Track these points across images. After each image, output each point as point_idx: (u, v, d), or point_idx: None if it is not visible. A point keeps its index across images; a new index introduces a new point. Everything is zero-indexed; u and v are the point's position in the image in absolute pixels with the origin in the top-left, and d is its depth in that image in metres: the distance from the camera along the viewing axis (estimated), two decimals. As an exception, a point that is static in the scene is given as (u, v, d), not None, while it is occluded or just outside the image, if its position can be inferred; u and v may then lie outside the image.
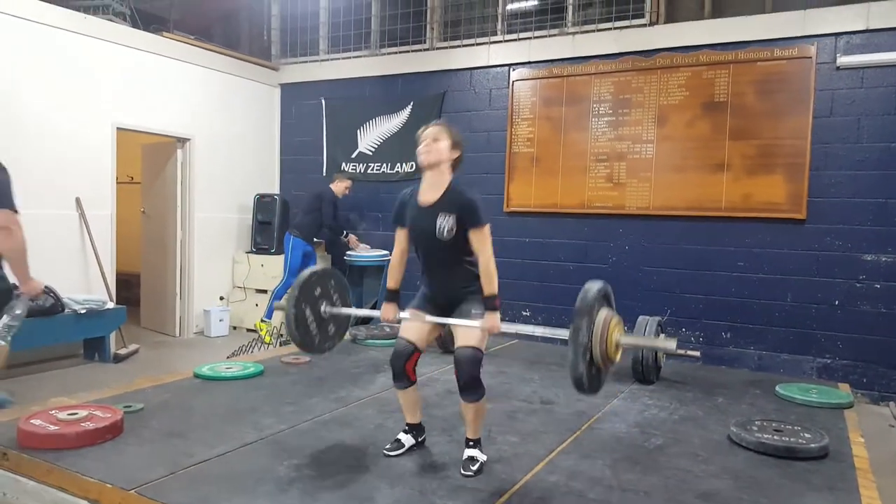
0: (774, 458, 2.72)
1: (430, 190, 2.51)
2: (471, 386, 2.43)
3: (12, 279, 2.92)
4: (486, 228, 2.46)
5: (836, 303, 4.75)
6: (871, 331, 4.64)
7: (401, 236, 2.65)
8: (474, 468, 2.44)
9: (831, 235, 4.75)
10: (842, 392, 3.91)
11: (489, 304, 2.43)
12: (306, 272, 2.90)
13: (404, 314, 2.63)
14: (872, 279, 4.64)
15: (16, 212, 2.83)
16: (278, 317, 6.03)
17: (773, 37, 4.86)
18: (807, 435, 2.88)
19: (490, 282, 2.43)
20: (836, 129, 4.72)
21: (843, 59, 4.66)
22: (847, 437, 3.04)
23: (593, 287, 2.30)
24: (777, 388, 3.85)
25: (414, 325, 2.61)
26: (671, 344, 2.34)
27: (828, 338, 4.78)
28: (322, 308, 2.87)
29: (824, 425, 3.13)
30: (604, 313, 2.29)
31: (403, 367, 2.57)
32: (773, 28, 4.86)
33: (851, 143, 4.69)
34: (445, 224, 2.44)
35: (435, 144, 2.49)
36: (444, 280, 2.56)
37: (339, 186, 6.16)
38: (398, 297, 2.69)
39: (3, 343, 2.84)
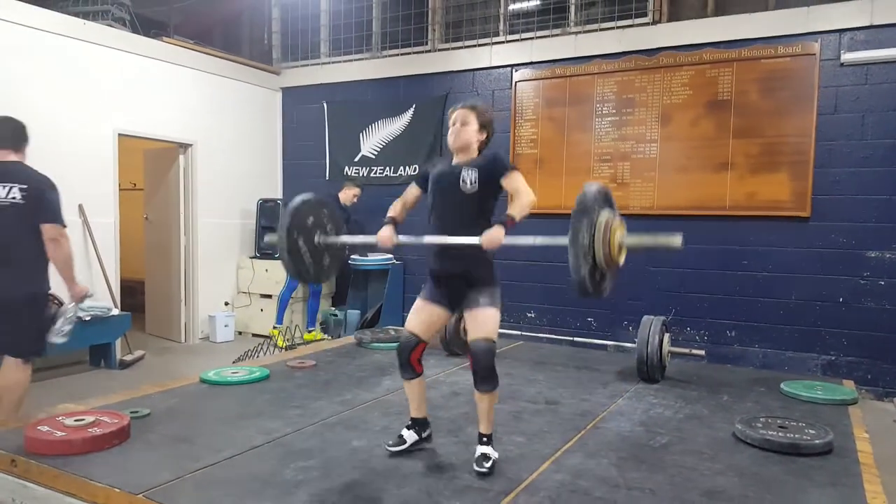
0: (779, 454, 2.71)
1: (463, 155, 2.58)
2: (487, 376, 2.48)
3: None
4: (517, 172, 2.53)
5: (841, 300, 4.74)
6: (875, 327, 4.63)
7: (413, 191, 2.70)
8: (488, 465, 2.46)
9: (835, 233, 4.75)
10: (846, 389, 3.90)
11: (502, 219, 2.42)
12: (297, 199, 2.82)
13: (403, 238, 2.64)
14: (877, 276, 4.63)
15: (64, 226, 3.29)
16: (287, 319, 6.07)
17: (776, 34, 4.86)
18: (811, 431, 2.88)
19: (520, 209, 2.43)
20: (841, 126, 4.71)
21: (847, 56, 4.66)
22: (851, 433, 3.03)
23: (592, 187, 2.27)
24: (782, 385, 3.84)
25: (418, 317, 2.64)
26: (676, 240, 2.27)
27: (832, 335, 4.77)
28: (316, 237, 2.83)
29: (829, 422, 3.12)
30: (605, 214, 2.25)
31: (409, 357, 2.61)
32: (777, 25, 4.86)
33: (856, 139, 4.68)
34: (469, 176, 2.49)
35: (464, 129, 2.56)
36: (459, 236, 2.51)
37: (346, 194, 6.13)
38: (396, 223, 2.70)
39: (62, 340, 3.36)
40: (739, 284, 5.05)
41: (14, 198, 3.17)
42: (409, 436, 2.69)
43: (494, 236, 2.36)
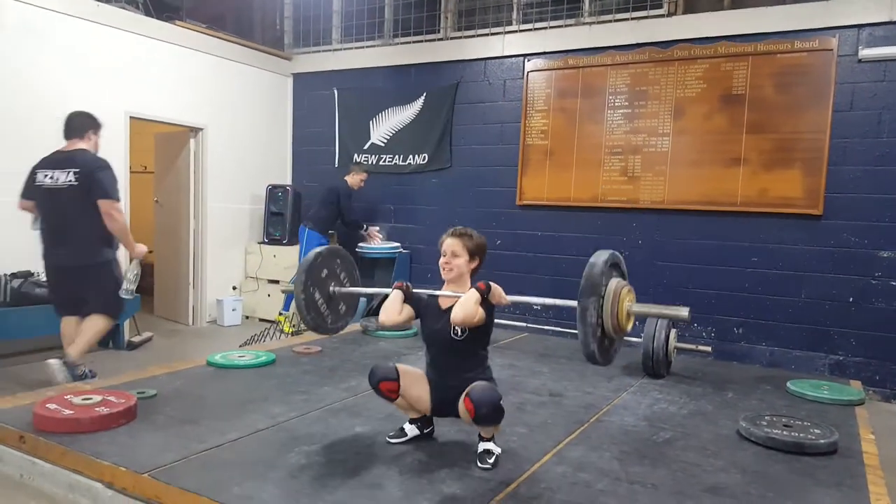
0: (783, 453, 2.70)
1: (451, 298, 2.54)
2: (492, 414, 2.36)
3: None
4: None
5: (851, 300, 4.70)
6: (885, 328, 4.59)
7: (407, 312, 2.61)
8: (491, 461, 2.45)
9: (847, 231, 4.69)
10: (853, 389, 3.88)
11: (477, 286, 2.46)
12: (311, 254, 2.93)
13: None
14: (888, 276, 4.58)
15: (116, 200, 3.82)
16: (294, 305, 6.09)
17: (793, 28, 4.78)
18: (816, 431, 2.86)
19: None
20: (857, 124, 4.65)
21: (865, 52, 4.58)
22: (857, 433, 3.02)
23: (599, 260, 2.28)
24: (788, 384, 3.83)
25: (411, 373, 2.59)
26: (683, 312, 2.29)
27: (841, 335, 4.73)
28: (330, 288, 2.91)
29: (834, 422, 3.11)
30: (613, 284, 2.28)
31: (378, 384, 2.56)
32: (794, 19, 4.79)
33: (872, 137, 4.61)
34: (459, 326, 2.46)
35: (454, 261, 2.55)
36: (453, 380, 2.51)
37: (354, 179, 6.17)
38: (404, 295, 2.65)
39: (130, 296, 3.93)
40: (748, 281, 5.01)
41: (70, 181, 3.72)
42: (410, 430, 2.70)
43: (468, 296, 2.40)
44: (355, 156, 6.74)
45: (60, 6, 5.07)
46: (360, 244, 6.41)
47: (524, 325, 5.05)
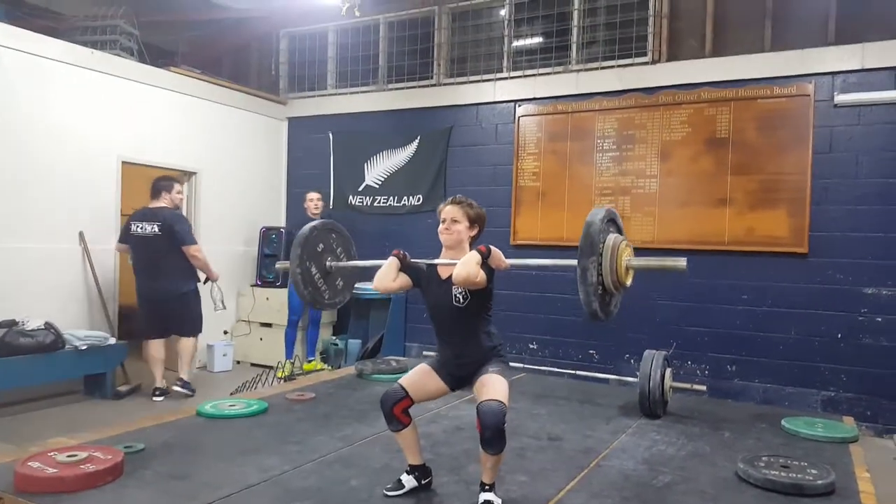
0: (782, 494, 2.73)
1: (449, 266, 2.57)
2: (495, 438, 2.39)
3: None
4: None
5: (839, 336, 4.78)
6: (873, 364, 4.67)
7: (403, 280, 2.68)
8: None
9: (833, 269, 4.81)
10: (847, 426, 3.92)
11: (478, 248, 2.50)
12: (306, 228, 2.90)
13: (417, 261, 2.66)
14: (874, 312, 4.68)
15: (194, 244, 5.16)
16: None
17: (772, 75, 4.99)
18: (813, 471, 2.89)
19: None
20: (836, 165, 4.81)
21: (840, 98, 4.78)
22: (853, 471, 3.05)
23: (596, 218, 2.32)
24: (783, 421, 3.86)
25: (416, 379, 2.64)
26: (681, 262, 2.36)
27: (831, 371, 4.80)
28: (327, 263, 2.88)
29: (830, 460, 3.14)
30: (611, 240, 2.32)
31: (391, 409, 2.58)
32: (772, 66, 4.99)
33: (851, 178, 4.77)
34: (459, 292, 2.52)
35: (454, 226, 2.60)
36: (461, 349, 2.58)
37: (309, 205, 6.16)
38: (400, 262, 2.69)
39: (222, 308, 5.42)
40: (739, 319, 5.09)
41: (155, 231, 5.05)
42: (408, 481, 2.65)
43: (467, 259, 2.42)
44: (350, 198, 6.81)
45: (56, 53, 5.15)
46: (355, 285, 6.42)
47: (521, 365, 5.08)
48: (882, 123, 4.69)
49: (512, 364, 5.08)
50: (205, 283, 5.32)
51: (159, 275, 5.06)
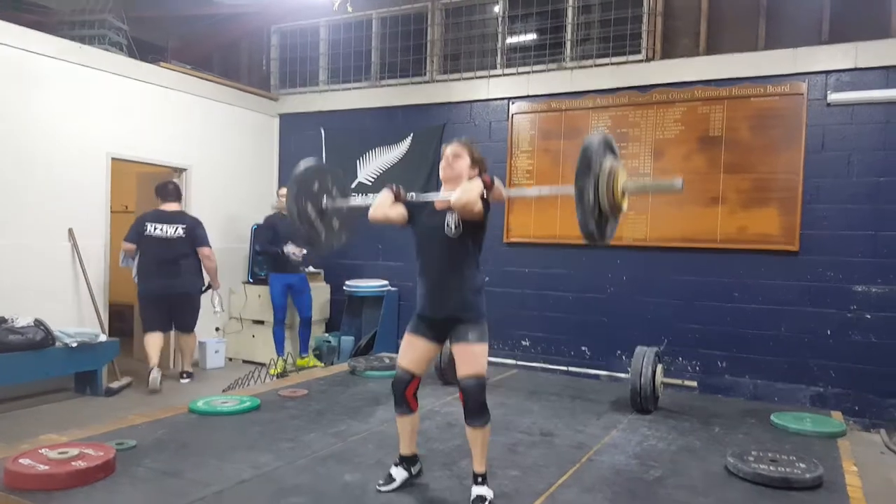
0: (771, 488, 2.76)
1: (446, 200, 2.60)
2: (478, 411, 2.50)
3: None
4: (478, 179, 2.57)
5: (829, 332, 4.82)
6: (862, 360, 4.71)
7: (402, 211, 2.69)
8: None
9: (823, 267, 4.85)
10: (835, 421, 3.96)
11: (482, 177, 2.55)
12: (301, 166, 2.90)
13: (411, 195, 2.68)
14: (863, 309, 4.72)
15: (210, 247, 5.55)
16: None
17: (765, 74, 5.01)
18: (801, 465, 2.92)
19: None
20: (828, 164, 4.84)
21: (833, 97, 4.81)
22: (840, 465, 3.09)
23: (594, 141, 2.35)
24: (772, 417, 3.90)
25: (409, 353, 2.67)
26: (677, 183, 2.41)
27: (820, 367, 4.84)
28: (323, 202, 2.89)
29: (818, 455, 3.17)
30: (608, 163, 2.34)
31: (403, 393, 2.64)
32: (766, 65, 5.02)
33: (842, 177, 4.81)
34: (453, 220, 2.53)
35: (455, 161, 2.62)
36: (445, 284, 2.58)
37: (280, 203, 5.96)
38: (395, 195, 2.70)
39: (221, 310, 5.96)
40: (730, 316, 5.12)
41: (179, 234, 5.38)
42: (399, 473, 2.68)
43: (469, 188, 2.45)
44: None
45: (44, 49, 5.09)
46: (347, 282, 6.43)
47: (513, 361, 5.09)
48: (874, 123, 4.73)
49: (504, 361, 5.16)
50: (205, 290, 5.66)
51: (178, 274, 5.38)
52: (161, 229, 5.35)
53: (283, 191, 6.02)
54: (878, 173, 4.71)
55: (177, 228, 5.40)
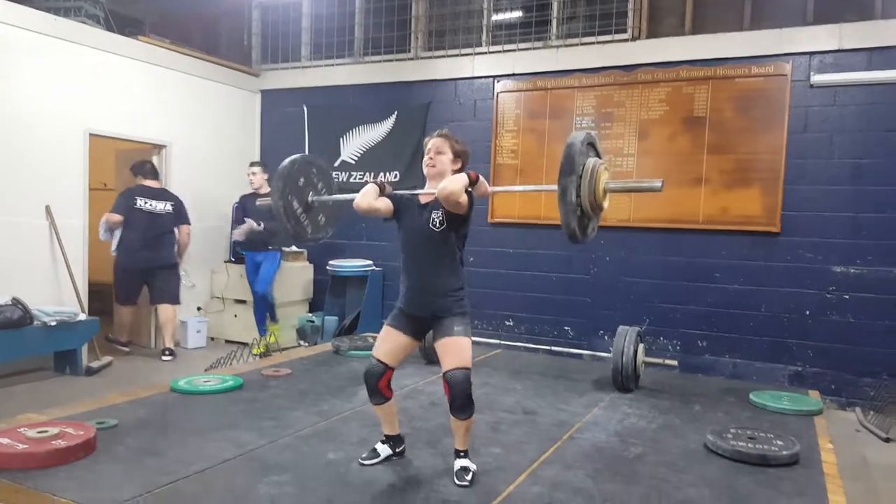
0: (749, 465, 2.80)
1: (431, 194, 2.60)
2: (463, 404, 2.48)
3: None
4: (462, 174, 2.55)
5: (808, 313, 4.89)
6: (839, 340, 4.79)
7: (388, 204, 2.66)
8: (468, 478, 2.50)
9: (804, 248, 4.89)
10: (812, 399, 4.03)
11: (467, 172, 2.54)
12: (287, 161, 2.90)
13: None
14: (842, 290, 4.79)
15: (189, 224, 5.83)
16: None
17: (750, 54, 5.00)
18: (779, 442, 2.97)
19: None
20: (810, 146, 4.87)
21: (816, 78, 4.81)
22: (817, 443, 3.15)
23: (576, 140, 2.37)
24: (751, 395, 3.95)
25: (385, 346, 2.65)
26: (657, 184, 2.44)
27: (799, 346, 4.92)
28: (309, 197, 2.91)
29: (795, 432, 3.23)
30: (590, 163, 2.37)
31: (377, 385, 2.62)
32: (751, 45, 5.00)
33: (824, 158, 4.84)
34: (437, 217, 2.53)
35: (438, 157, 2.61)
36: (429, 280, 2.57)
37: (257, 180, 5.92)
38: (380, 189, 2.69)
39: (191, 285, 6.14)
40: (711, 296, 5.17)
41: (168, 209, 5.63)
42: (383, 450, 2.71)
43: (454, 179, 2.45)
44: None
45: (16, 20, 4.92)
46: (331, 262, 6.38)
47: (497, 341, 5.10)
48: (856, 105, 4.75)
49: (488, 341, 5.17)
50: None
51: (161, 247, 5.62)
52: (150, 204, 5.54)
53: (254, 169, 5.95)
54: (858, 155, 4.75)
55: (166, 204, 5.62)
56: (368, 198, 2.62)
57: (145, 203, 5.53)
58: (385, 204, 2.65)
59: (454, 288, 2.57)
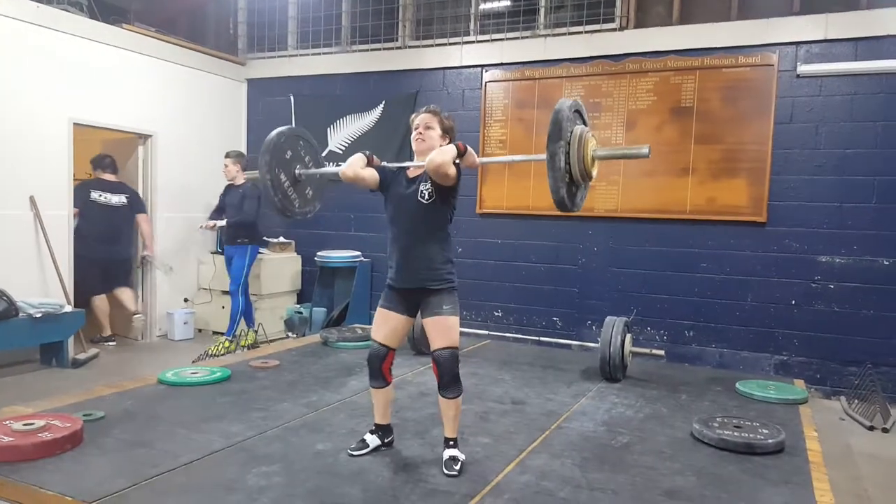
0: (735, 453, 2.82)
1: (419, 167, 2.60)
2: (451, 382, 2.53)
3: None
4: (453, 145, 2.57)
5: (794, 302, 4.93)
6: (824, 329, 4.84)
7: (374, 175, 2.66)
8: (457, 468, 2.50)
9: (790, 238, 4.93)
10: (797, 388, 4.07)
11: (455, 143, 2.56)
12: (273, 134, 2.90)
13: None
14: (827, 280, 4.83)
15: (145, 213, 5.91)
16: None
17: (737, 44, 5.00)
18: (765, 431, 3.00)
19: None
20: (796, 136, 4.89)
21: (802, 68, 4.83)
22: (802, 431, 3.18)
23: (564, 106, 2.38)
24: (737, 385, 3.99)
25: (382, 327, 2.67)
26: (644, 150, 2.46)
27: (785, 336, 4.96)
28: (296, 171, 2.90)
29: (781, 421, 3.26)
30: (578, 130, 2.38)
31: (380, 367, 2.65)
32: (738, 35, 5.00)
33: (810, 149, 4.86)
34: (426, 189, 2.54)
35: (427, 132, 2.60)
36: (418, 253, 2.57)
37: (229, 171, 5.71)
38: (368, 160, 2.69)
39: (172, 269, 6.20)
40: (698, 286, 5.19)
41: (122, 202, 5.71)
42: (372, 440, 2.71)
43: (444, 150, 2.46)
44: None
45: (-2, 7, 4.84)
46: (319, 253, 6.34)
47: (486, 332, 5.10)
48: (842, 95, 4.77)
49: (477, 332, 5.17)
50: (145, 256, 6.01)
51: (119, 240, 5.74)
52: (105, 197, 5.63)
53: (226, 161, 5.72)
54: (844, 145, 4.78)
55: (121, 197, 5.70)
56: (355, 166, 2.61)
57: (100, 196, 5.60)
58: (371, 174, 2.64)
59: (443, 260, 2.59)
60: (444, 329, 2.53)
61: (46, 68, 5.19)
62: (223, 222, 5.70)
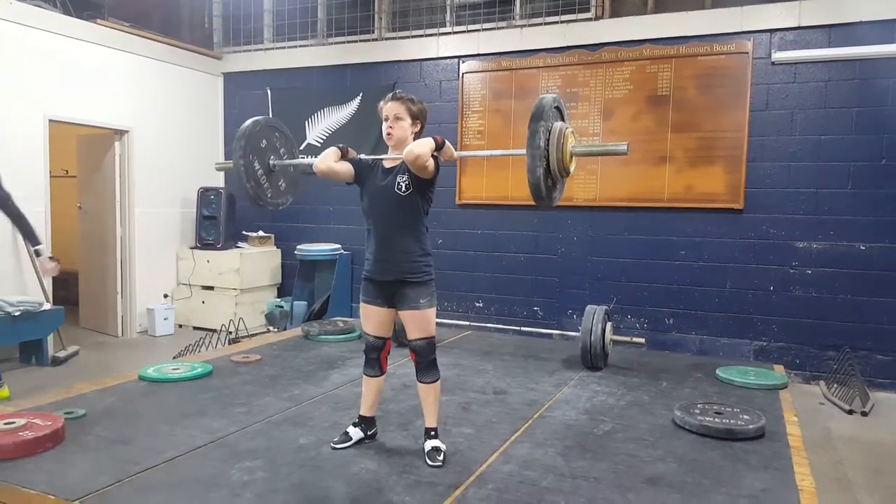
0: (716, 439, 2.84)
1: (395, 159, 2.58)
2: (428, 367, 2.58)
3: None
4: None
5: (772, 288, 4.99)
6: (803, 314, 4.90)
7: (348, 169, 2.63)
8: (440, 458, 2.50)
9: (767, 224, 4.98)
10: (777, 374, 4.12)
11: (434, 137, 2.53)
12: (249, 121, 2.86)
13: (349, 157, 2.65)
14: (804, 265, 4.90)
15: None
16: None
17: (712, 32, 5.03)
18: (745, 416, 3.02)
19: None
20: (772, 123, 4.94)
21: (777, 55, 4.87)
22: (782, 416, 3.21)
23: (547, 98, 2.42)
24: (717, 371, 4.02)
25: (372, 321, 2.67)
26: (622, 147, 2.48)
27: (764, 322, 5.02)
28: (270, 161, 2.88)
29: (761, 406, 3.29)
30: (559, 124, 2.42)
31: (378, 357, 2.68)
32: (713, 23, 5.03)
33: (785, 135, 4.91)
34: (403, 181, 2.52)
35: (397, 124, 2.56)
36: (395, 245, 2.56)
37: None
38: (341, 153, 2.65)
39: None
40: (677, 274, 5.24)
41: None
42: (355, 433, 2.70)
43: (421, 142, 2.44)
44: None
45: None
46: (299, 246, 6.29)
47: (467, 323, 5.09)
48: (816, 81, 4.82)
49: (458, 322, 5.16)
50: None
51: None
52: None
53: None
54: (819, 131, 4.83)
55: None
56: (328, 160, 2.58)
57: None
58: (345, 167, 2.61)
59: (420, 253, 2.58)
60: (421, 322, 2.56)
61: (21, 65, 5.11)
62: None
